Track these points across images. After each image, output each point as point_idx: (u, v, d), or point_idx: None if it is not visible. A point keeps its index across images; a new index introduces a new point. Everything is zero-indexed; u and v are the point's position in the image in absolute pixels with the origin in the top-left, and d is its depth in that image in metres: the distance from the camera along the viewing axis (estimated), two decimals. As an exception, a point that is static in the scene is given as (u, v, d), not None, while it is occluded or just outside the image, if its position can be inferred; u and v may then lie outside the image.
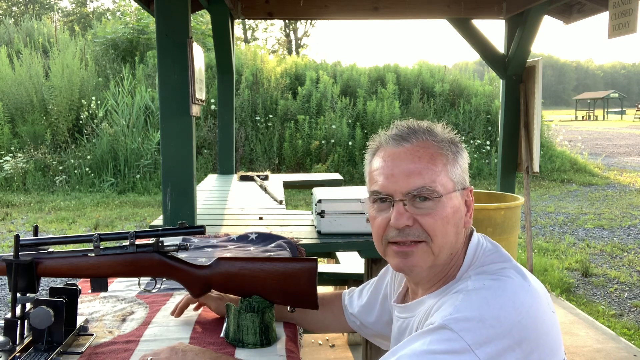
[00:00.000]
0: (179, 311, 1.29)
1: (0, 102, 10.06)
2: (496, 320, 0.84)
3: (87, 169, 9.46)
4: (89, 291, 1.21)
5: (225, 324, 1.19)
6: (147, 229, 1.20)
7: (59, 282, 4.03)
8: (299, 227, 2.65)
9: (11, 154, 9.56)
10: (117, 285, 1.53)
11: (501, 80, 4.63)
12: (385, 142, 1.03)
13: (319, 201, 2.40)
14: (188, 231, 1.18)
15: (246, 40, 29.26)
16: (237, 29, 26.71)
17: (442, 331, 0.85)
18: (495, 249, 1.03)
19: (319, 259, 2.41)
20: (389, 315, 1.24)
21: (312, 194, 2.63)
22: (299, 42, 32.87)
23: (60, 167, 9.52)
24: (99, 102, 10.18)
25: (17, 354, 1.02)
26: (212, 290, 1.26)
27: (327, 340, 3.39)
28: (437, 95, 11.76)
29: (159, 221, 2.74)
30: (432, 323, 0.88)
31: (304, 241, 2.32)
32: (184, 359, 0.99)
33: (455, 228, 1.00)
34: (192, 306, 1.36)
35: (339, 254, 3.49)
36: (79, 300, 1.17)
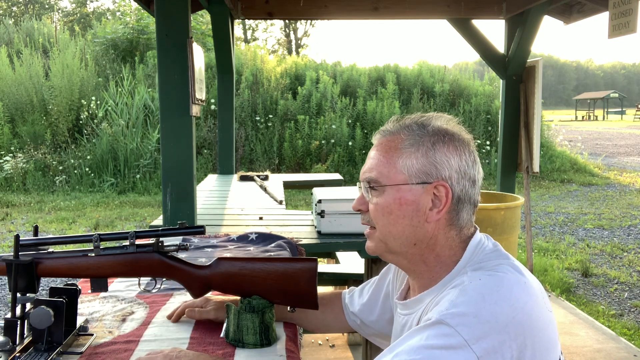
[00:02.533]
0: (175, 317, 1.29)
1: (0, 102, 10.06)
2: (492, 315, 0.85)
3: (87, 169, 9.46)
4: (89, 291, 1.21)
5: (225, 324, 1.19)
6: (147, 229, 1.20)
7: (59, 282, 4.03)
8: (299, 227, 2.65)
9: (11, 154, 9.56)
10: (117, 285, 1.53)
11: (501, 80, 4.63)
12: (375, 134, 1.11)
13: (319, 201, 2.40)
14: (188, 231, 1.18)
15: (246, 40, 29.27)
16: (237, 29, 26.71)
17: (439, 326, 0.85)
18: (496, 249, 1.03)
19: (319, 259, 2.41)
20: (390, 313, 1.24)
21: (312, 194, 2.64)
22: (299, 42, 32.88)
23: (60, 167, 9.52)
24: (98, 102, 10.18)
25: (17, 354, 1.02)
26: (211, 294, 1.27)
27: (327, 340, 3.39)
28: (437, 95, 11.77)
29: (159, 221, 2.74)
30: (429, 318, 0.89)
31: (304, 241, 2.32)
32: None
33: (406, 220, 1.01)
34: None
35: (339, 254, 3.49)
36: (79, 300, 1.17)
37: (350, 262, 3.37)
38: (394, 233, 1.02)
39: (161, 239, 1.19)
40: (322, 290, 1.70)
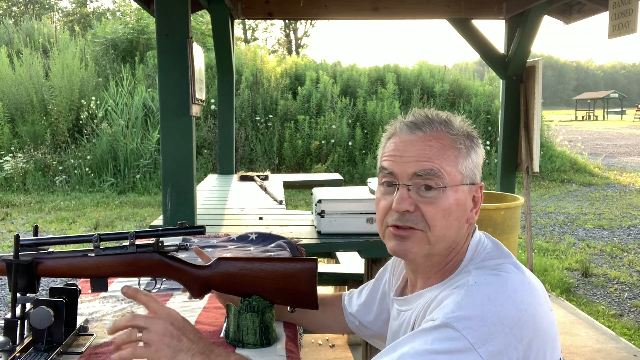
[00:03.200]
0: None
1: (0, 102, 10.06)
2: (497, 317, 0.84)
3: (87, 169, 9.46)
4: (89, 291, 1.21)
5: (225, 324, 1.19)
6: (147, 229, 1.20)
7: (59, 282, 4.03)
8: (299, 227, 2.65)
9: (11, 154, 9.56)
10: (117, 285, 1.53)
11: (501, 80, 4.63)
12: (399, 128, 1.04)
13: (319, 201, 2.40)
14: (188, 231, 1.18)
15: (246, 40, 29.27)
16: (237, 29, 26.70)
17: (445, 329, 0.84)
18: (496, 247, 1.03)
19: (319, 259, 2.41)
20: (387, 313, 1.24)
21: (312, 194, 2.64)
22: (299, 42, 32.87)
23: (60, 167, 9.52)
24: (98, 102, 10.18)
25: (17, 354, 1.02)
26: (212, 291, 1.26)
27: (327, 340, 3.39)
28: (437, 95, 11.76)
29: (159, 221, 2.74)
30: (433, 319, 0.88)
31: (304, 241, 2.32)
32: (178, 346, 0.93)
33: (457, 222, 1.00)
34: (193, 305, 1.36)
35: (339, 254, 3.49)
36: (79, 300, 1.17)
37: (350, 262, 3.37)
38: (447, 235, 0.99)
39: (161, 239, 1.19)
40: (322, 290, 1.70)
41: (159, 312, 0.96)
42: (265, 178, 4.34)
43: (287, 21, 29.38)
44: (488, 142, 11.09)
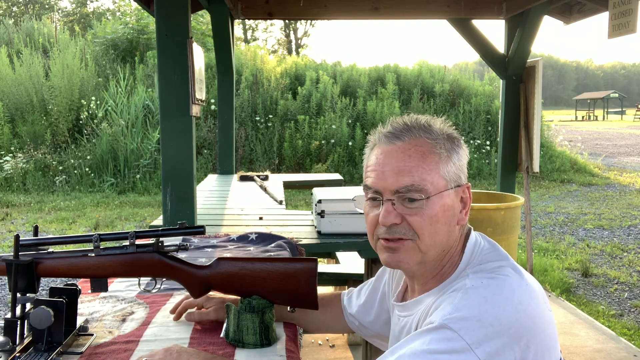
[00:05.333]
0: (177, 315, 1.29)
1: (0, 102, 10.06)
2: (495, 318, 0.85)
3: (87, 169, 9.46)
4: (89, 291, 1.21)
5: (225, 324, 1.19)
6: (147, 229, 1.20)
7: (59, 282, 4.03)
8: (299, 227, 2.65)
9: (11, 154, 9.56)
10: (117, 285, 1.53)
11: (501, 81, 4.63)
12: (379, 139, 1.04)
13: (319, 201, 2.40)
14: (188, 231, 1.18)
15: (246, 40, 29.26)
16: (237, 29, 26.70)
17: (442, 330, 0.85)
18: (493, 248, 1.03)
19: (319, 259, 2.41)
20: (387, 314, 1.24)
21: (312, 194, 2.64)
22: (299, 42, 32.87)
23: (60, 167, 9.52)
24: (98, 102, 10.18)
25: (17, 354, 1.02)
26: (211, 294, 1.27)
27: (327, 340, 3.39)
28: (437, 95, 11.76)
29: (159, 221, 2.74)
30: (431, 322, 0.88)
31: (304, 241, 2.32)
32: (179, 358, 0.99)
33: (446, 226, 0.99)
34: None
35: (339, 254, 3.48)
36: (79, 300, 1.17)
37: (350, 262, 3.37)
38: (437, 242, 0.99)
39: (161, 239, 1.19)
40: (322, 290, 1.70)
41: (155, 352, 1.05)
42: (265, 178, 4.34)
43: (287, 21, 29.38)
44: (488, 142, 11.09)
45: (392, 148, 1.00)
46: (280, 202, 3.35)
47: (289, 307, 1.22)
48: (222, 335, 1.19)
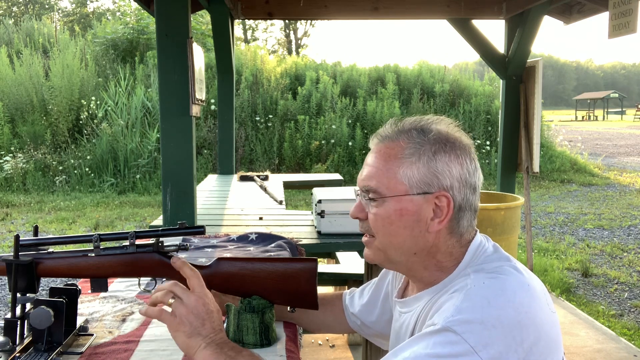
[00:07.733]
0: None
1: (0, 102, 10.06)
2: (497, 320, 0.85)
3: (87, 169, 9.46)
4: (89, 291, 1.21)
5: (225, 324, 1.19)
6: (147, 229, 1.20)
7: (59, 282, 4.03)
8: (299, 227, 2.65)
9: (11, 154, 9.56)
10: (117, 285, 1.53)
11: (501, 81, 4.63)
12: (371, 139, 1.09)
13: (319, 201, 2.40)
14: (188, 231, 1.17)
15: (246, 40, 29.27)
16: (237, 29, 26.70)
17: (445, 333, 0.85)
18: (496, 250, 1.03)
19: (319, 259, 2.41)
20: (389, 314, 1.24)
21: (312, 194, 2.64)
22: (299, 42, 32.87)
23: (60, 167, 9.52)
24: (98, 102, 10.18)
25: (17, 354, 1.02)
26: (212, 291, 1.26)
27: (327, 340, 3.39)
28: (437, 95, 11.76)
29: (159, 221, 2.74)
30: (434, 324, 0.88)
31: (304, 241, 2.32)
32: (198, 328, 0.99)
33: (407, 230, 0.99)
34: None
35: (339, 254, 3.49)
36: (79, 300, 1.17)
37: (350, 262, 3.37)
38: (395, 243, 1.01)
39: (161, 239, 1.19)
40: (322, 290, 1.69)
41: (197, 289, 1.03)
42: (265, 178, 4.34)
43: (287, 21, 29.38)
44: (488, 142, 11.09)
45: (372, 148, 1.06)
46: (280, 202, 3.36)
47: (289, 307, 1.22)
48: (222, 335, 1.19)
